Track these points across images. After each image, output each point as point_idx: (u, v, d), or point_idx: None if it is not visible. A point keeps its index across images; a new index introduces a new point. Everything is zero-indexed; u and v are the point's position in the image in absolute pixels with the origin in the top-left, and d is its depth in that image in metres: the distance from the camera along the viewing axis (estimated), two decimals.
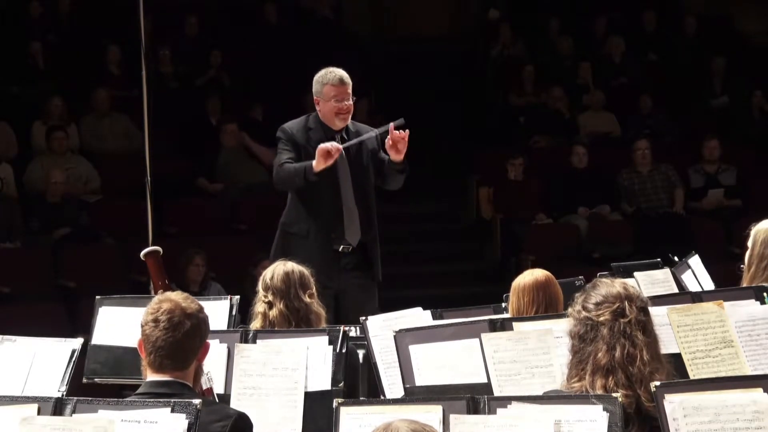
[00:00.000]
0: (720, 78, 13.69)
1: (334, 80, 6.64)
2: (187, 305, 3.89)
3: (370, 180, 6.78)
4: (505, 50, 13.95)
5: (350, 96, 6.66)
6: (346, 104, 6.64)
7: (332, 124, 6.68)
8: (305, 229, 6.71)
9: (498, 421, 3.54)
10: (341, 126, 6.69)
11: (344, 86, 6.64)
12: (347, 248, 6.68)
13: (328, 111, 6.66)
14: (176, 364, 3.84)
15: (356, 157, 6.70)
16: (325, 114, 6.69)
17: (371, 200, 6.79)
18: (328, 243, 6.66)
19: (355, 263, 6.72)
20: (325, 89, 6.66)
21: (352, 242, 6.67)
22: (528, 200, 11.91)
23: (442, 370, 4.51)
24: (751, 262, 5.34)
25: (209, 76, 12.96)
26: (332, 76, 6.66)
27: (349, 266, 6.69)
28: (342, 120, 6.67)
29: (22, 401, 3.84)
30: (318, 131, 6.69)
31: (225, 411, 3.84)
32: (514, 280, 5.28)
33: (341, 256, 6.69)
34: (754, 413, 3.41)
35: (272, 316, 5.07)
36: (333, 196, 6.64)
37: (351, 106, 6.69)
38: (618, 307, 3.79)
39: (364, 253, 6.75)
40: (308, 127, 6.73)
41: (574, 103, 13.28)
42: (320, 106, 6.72)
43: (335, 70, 6.70)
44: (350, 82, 6.68)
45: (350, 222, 6.66)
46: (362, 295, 6.63)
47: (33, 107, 11.78)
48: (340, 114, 6.65)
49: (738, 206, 11.85)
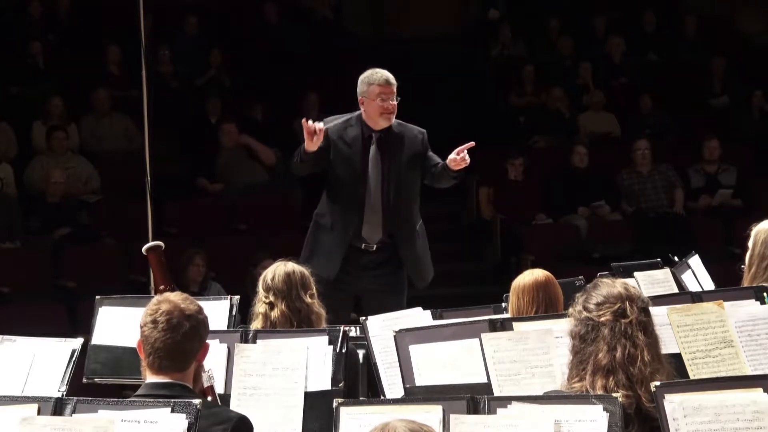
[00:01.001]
0: (720, 78, 13.68)
1: (381, 80, 6.72)
2: (186, 306, 3.87)
3: (408, 179, 6.81)
4: (505, 50, 13.95)
5: (395, 96, 6.73)
6: (392, 104, 6.72)
7: (376, 123, 6.75)
8: (329, 222, 6.78)
9: (498, 421, 3.53)
10: (385, 125, 6.76)
11: (390, 86, 6.73)
12: (369, 246, 6.71)
13: (373, 110, 6.73)
14: (175, 366, 3.83)
15: (393, 154, 6.75)
16: (369, 113, 6.75)
17: (404, 200, 6.81)
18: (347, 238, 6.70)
19: (379, 262, 6.74)
20: (371, 89, 6.73)
21: (370, 240, 6.70)
22: (528, 200, 11.91)
23: (442, 370, 4.50)
24: (752, 262, 5.34)
25: (209, 76, 12.96)
26: (378, 76, 6.74)
27: (371, 265, 6.72)
28: (386, 119, 6.75)
29: (22, 401, 3.84)
30: (356, 128, 6.78)
31: (225, 414, 3.83)
32: (514, 280, 5.28)
33: (363, 253, 6.72)
34: (754, 413, 3.40)
35: (274, 316, 5.07)
36: (357, 192, 6.72)
37: (395, 106, 6.76)
38: (619, 308, 3.78)
39: (392, 253, 6.77)
40: (349, 124, 6.81)
41: (574, 103, 13.28)
42: (365, 105, 6.78)
43: (380, 70, 6.80)
44: (395, 83, 6.78)
45: (370, 220, 6.71)
46: (383, 296, 6.61)
47: (33, 107, 11.78)
48: (384, 113, 6.73)
49: (738, 206, 11.85)
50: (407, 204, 6.83)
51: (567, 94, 13.25)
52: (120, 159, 11.62)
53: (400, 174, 6.76)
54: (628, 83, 13.76)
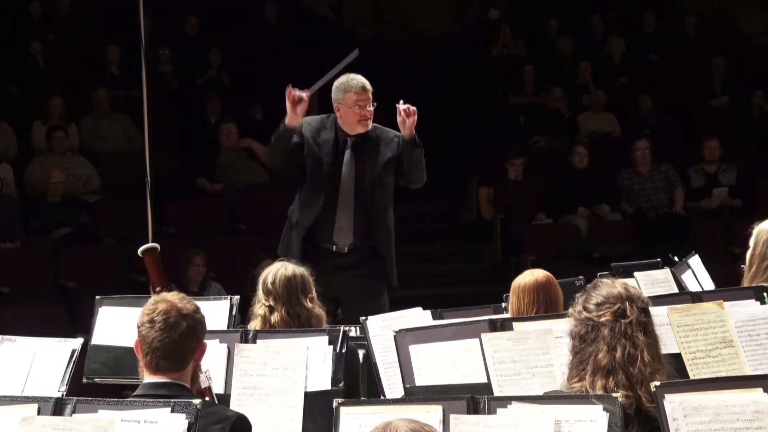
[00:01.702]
0: (720, 78, 13.68)
1: (357, 88, 6.70)
2: (183, 305, 3.88)
3: (383, 183, 6.76)
4: (505, 50, 13.95)
5: (371, 102, 6.71)
6: (369, 110, 6.71)
7: (353, 129, 6.73)
8: (295, 219, 6.79)
9: (498, 421, 3.54)
10: (362, 131, 6.75)
11: (366, 93, 6.71)
12: (340, 249, 6.71)
13: (350, 118, 6.71)
14: (173, 365, 3.83)
15: (369, 159, 6.73)
16: (346, 120, 6.73)
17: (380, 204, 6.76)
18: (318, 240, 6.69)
19: (350, 264, 6.71)
20: (347, 96, 6.71)
21: (340, 243, 6.70)
22: (528, 200, 11.91)
23: (442, 370, 4.50)
24: (753, 262, 5.34)
25: (209, 76, 12.97)
26: (354, 83, 6.72)
27: (343, 266, 6.68)
28: (363, 126, 6.73)
29: (22, 401, 3.84)
30: (330, 132, 6.76)
31: (223, 413, 3.82)
32: (514, 281, 5.27)
33: (335, 255, 6.70)
34: (754, 413, 3.40)
35: (273, 320, 5.06)
36: (323, 195, 6.70)
37: (372, 112, 6.74)
38: (619, 308, 3.78)
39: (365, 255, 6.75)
40: (323, 126, 6.79)
41: (574, 103, 13.28)
42: (341, 112, 6.75)
43: (356, 76, 6.78)
44: (371, 89, 6.75)
45: (342, 223, 6.70)
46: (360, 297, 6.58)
47: (33, 107, 11.78)
48: (362, 120, 6.71)
49: (738, 206, 11.84)
50: (383, 208, 6.79)
51: (567, 94, 13.26)
52: (120, 159, 11.62)
53: (375, 179, 6.72)
54: (628, 83, 13.76)
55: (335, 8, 14.24)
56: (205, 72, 12.97)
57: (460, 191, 12.73)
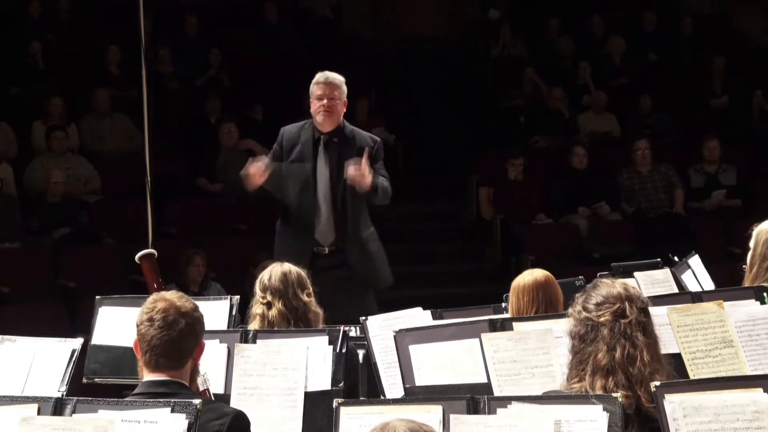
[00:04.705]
0: (720, 78, 13.68)
1: (319, 79, 6.75)
2: (181, 304, 3.89)
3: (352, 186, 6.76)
4: (505, 50, 13.96)
5: (335, 96, 6.69)
6: (326, 102, 6.68)
7: (319, 124, 6.76)
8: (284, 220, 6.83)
9: (498, 421, 3.53)
10: (322, 123, 6.74)
11: (327, 85, 6.71)
12: (321, 249, 6.70)
13: (313, 110, 6.76)
14: (172, 363, 3.85)
15: (340, 157, 6.72)
16: (314, 115, 6.76)
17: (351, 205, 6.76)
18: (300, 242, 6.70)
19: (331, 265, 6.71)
20: (312, 89, 6.78)
21: (322, 243, 6.71)
22: (528, 200, 11.91)
23: (442, 370, 4.50)
24: (753, 262, 5.34)
25: (209, 76, 12.97)
26: (319, 75, 6.76)
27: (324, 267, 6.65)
28: (322, 117, 6.72)
29: (22, 401, 3.84)
30: (308, 131, 6.78)
31: (222, 409, 3.85)
32: (514, 280, 5.28)
33: (316, 256, 6.71)
34: (754, 413, 3.40)
35: (271, 316, 5.07)
36: (306, 194, 6.73)
37: (332, 106, 6.71)
38: (619, 308, 3.79)
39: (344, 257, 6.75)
40: (303, 127, 6.84)
41: (574, 103, 13.28)
42: (311, 107, 6.80)
43: (326, 72, 6.78)
44: (338, 83, 6.74)
45: (322, 223, 6.72)
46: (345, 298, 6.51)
47: (33, 107, 11.78)
48: (321, 112, 6.71)
49: (738, 206, 11.84)
50: (354, 209, 6.78)
51: (567, 94, 13.26)
52: (120, 159, 11.62)
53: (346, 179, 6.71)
54: (628, 83, 13.76)
55: (335, 8, 14.24)
56: (205, 72, 12.98)
57: (460, 191, 12.73)
